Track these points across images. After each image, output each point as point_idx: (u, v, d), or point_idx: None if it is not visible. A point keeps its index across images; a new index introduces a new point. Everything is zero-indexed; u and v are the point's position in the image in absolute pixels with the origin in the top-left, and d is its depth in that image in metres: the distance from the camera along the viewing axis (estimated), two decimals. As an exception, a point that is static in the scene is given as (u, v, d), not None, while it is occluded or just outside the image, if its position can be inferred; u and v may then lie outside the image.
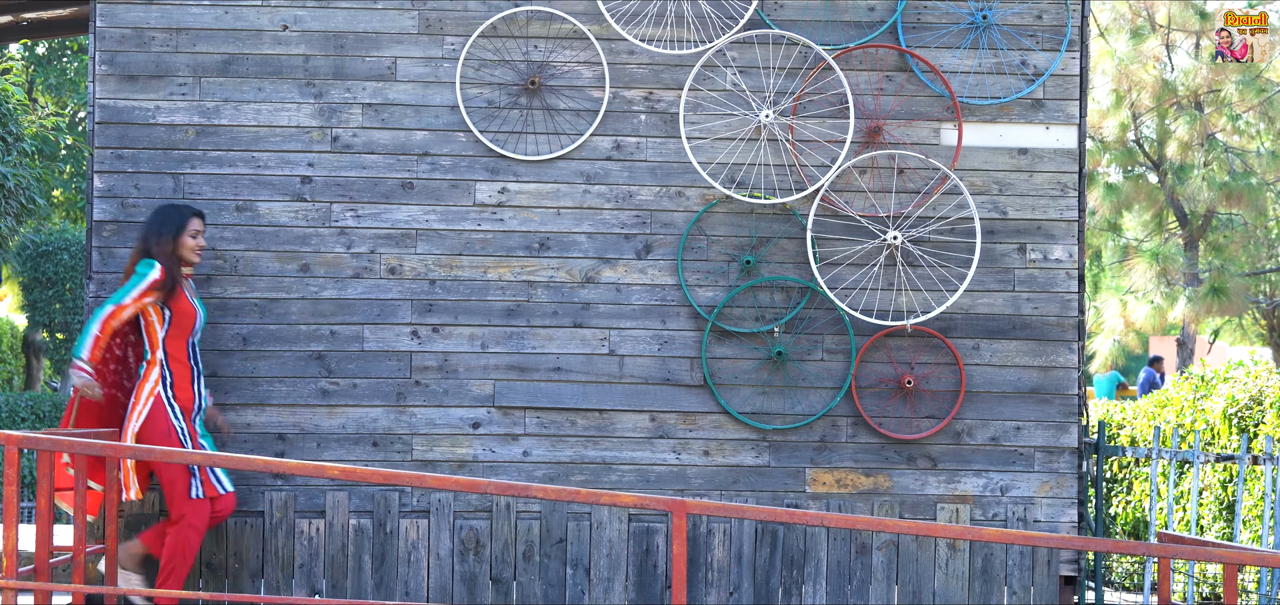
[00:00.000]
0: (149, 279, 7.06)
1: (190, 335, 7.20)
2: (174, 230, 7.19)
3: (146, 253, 7.15)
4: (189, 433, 7.12)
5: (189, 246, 7.22)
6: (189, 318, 7.18)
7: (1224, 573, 5.94)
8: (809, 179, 7.78)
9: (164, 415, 7.06)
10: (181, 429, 7.09)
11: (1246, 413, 9.17)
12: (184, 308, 7.16)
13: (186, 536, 7.05)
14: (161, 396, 7.09)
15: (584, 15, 7.79)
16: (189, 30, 7.74)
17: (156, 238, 7.17)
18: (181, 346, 7.18)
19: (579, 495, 5.80)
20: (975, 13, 7.86)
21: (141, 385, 7.11)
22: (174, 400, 7.10)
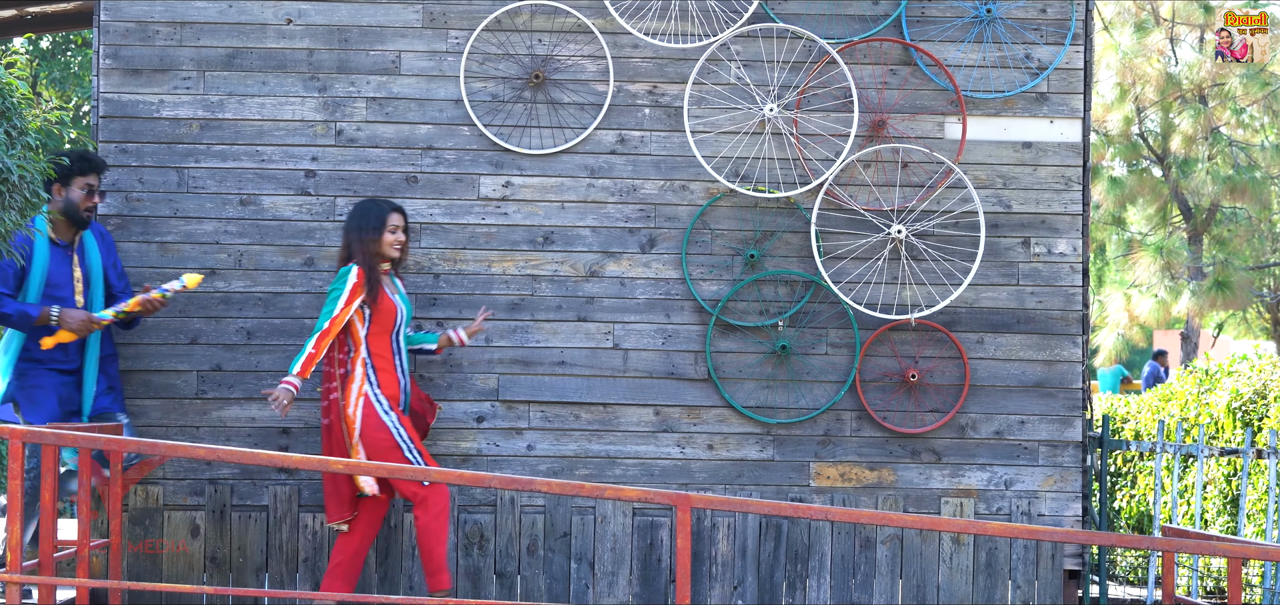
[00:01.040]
0: (349, 288, 6.97)
1: (392, 330, 7.09)
2: (375, 228, 7.09)
3: (348, 254, 7.08)
4: (401, 423, 7.00)
5: (388, 243, 7.11)
6: (390, 314, 7.07)
7: (1228, 567, 5.93)
8: (813, 173, 7.77)
9: (374, 412, 6.96)
10: (393, 422, 6.98)
11: (1250, 407, 9.17)
12: (386, 305, 7.06)
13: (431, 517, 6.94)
14: (370, 395, 6.98)
15: (588, 9, 7.78)
16: (193, 24, 7.74)
17: (358, 238, 7.08)
18: (385, 342, 7.07)
19: (583, 489, 5.80)
20: (979, 6, 7.86)
21: (349, 385, 7.03)
22: (381, 395, 7.00)
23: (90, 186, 7.18)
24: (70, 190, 7.14)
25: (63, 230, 7.20)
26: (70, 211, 7.15)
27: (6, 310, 7.00)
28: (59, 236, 7.20)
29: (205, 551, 7.64)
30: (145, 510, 7.65)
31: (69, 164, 7.12)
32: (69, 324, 7.02)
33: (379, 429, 6.95)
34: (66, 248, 7.22)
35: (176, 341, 7.67)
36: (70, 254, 7.22)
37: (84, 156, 7.20)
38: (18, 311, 7.00)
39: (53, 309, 7.03)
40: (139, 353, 7.67)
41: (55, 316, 7.02)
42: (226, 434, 7.70)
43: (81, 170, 7.16)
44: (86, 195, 7.17)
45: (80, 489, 6.55)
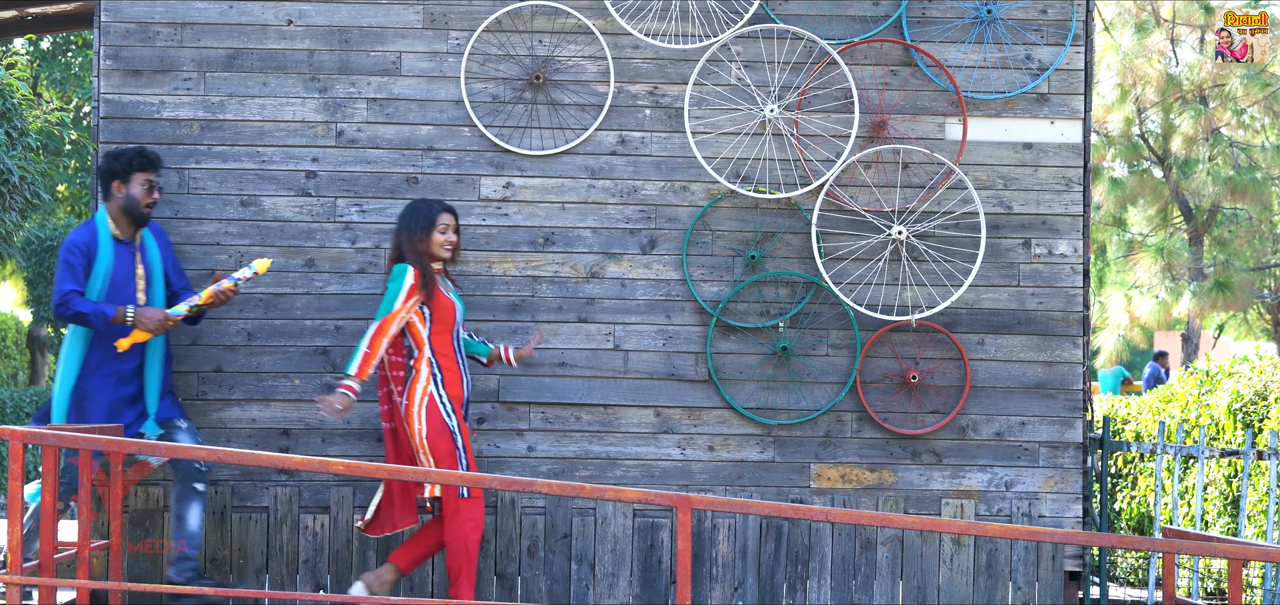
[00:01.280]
0: (406, 286, 6.93)
1: (453, 327, 7.07)
2: (425, 228, 7.05)
3: (400, 255, 7.05)
4: (460, 429, 6.96)
5: (439, 243, 7.06)
6: (449, 312, 7.04)
7: (1229, 568, 5.93)
8: (814, 174, 7.77)
9: (438, 415, 6.91)
10: (454, 427, 6.94)
11: (1251, 407, 9.16)
12: (443, 303, 7.02)
13: (464, 532, 6.92)
14: (434, 396, 6.94)
15: (589, 10, 7.78)
16: (193, 25, 7.74)
17: (408, 238, 7.04)
18: (447, 341, 7.04)
19: (583, 491, 5.79)
20: (980, 7, 7.86)
21: (413, 385, 6.98)
22: (445, 397, 6.96)
23: (150, 182, 7.13)
24: (130, 186, 7.10)
25: (124, 227, 7.14)
26: (131, 208, 7.10)
27: (82, 309, 6.91)
28: (120, 233, 7.14)
29: (205, 552, 7.64)
30: (145, 511, 7.65)
31: (128, 160, 7.09)
32: (145, 323, 6.95)
33: (441, 433, 6.92)
34: (129, 245, 7.17)
35: (177, 342, 7.67)
36: (133, 251, 7.17)
37: (142, 152, 7.15)
38: (94, 310, 6.92)
39: (128, 308, 6.95)
40: (139, 354, 7.66)
41: (130, 316, 6.95)
42: (227, 435, 7.70)
43: (140, 166, 7.11)
44: (146, 191, 7.12)
45: (81, 490, 6.55)
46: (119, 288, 7.09)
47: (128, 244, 7.16)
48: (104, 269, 7.05)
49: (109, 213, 7.13)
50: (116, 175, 7.11)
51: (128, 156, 7.12)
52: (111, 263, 7.07)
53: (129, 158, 7.12)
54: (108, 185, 7.12)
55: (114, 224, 7.13)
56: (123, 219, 7.14)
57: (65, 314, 6.93)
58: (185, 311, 7.06)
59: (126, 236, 7.16)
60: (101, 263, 7.05)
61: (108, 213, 7.13)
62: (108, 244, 7.08)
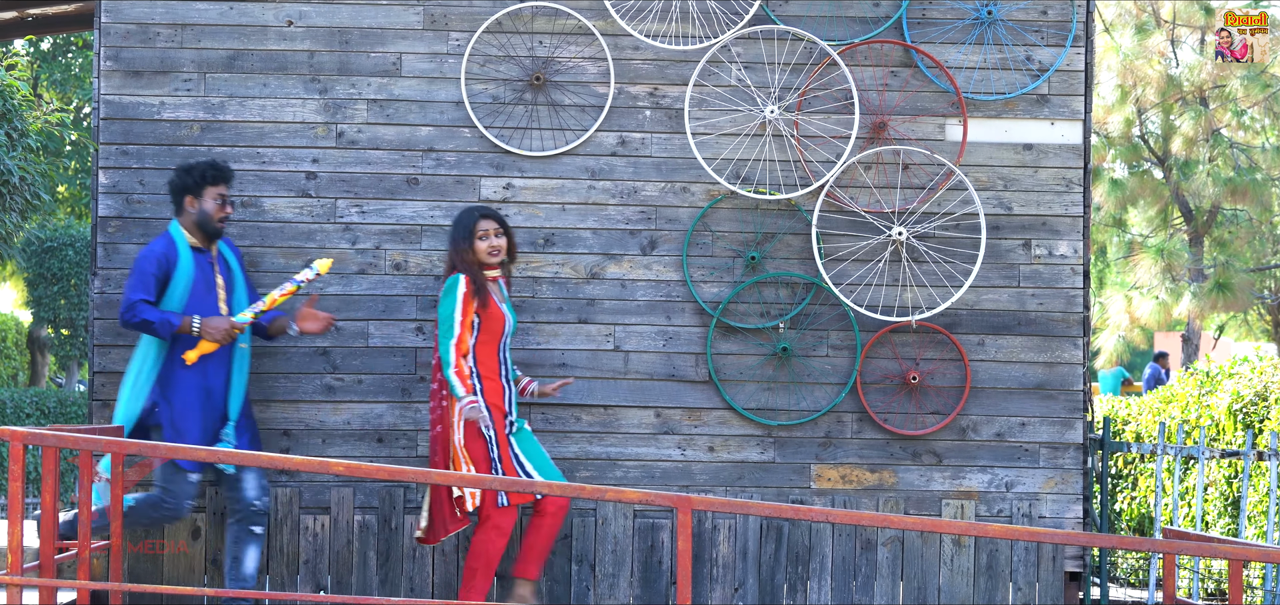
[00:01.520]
0: (460, 295, 6.90)
1: (500, 340, 7.02)
2: (467, 237, 7.01)
3: (452, 266, 7.02)
4: (498, 440, 6.90)
5: (482, 250, 7.01)
6: (498, 322, 6.99)
7: (1229, 568, 5.93)
8: (814, 174, 7.77)
9: (475, 423, 6.90)
10: (490, 435, 6.90)
11: (1251, 408, 9.16)
12: (493, 313, 6.97)
13: (488, 539, 6.90)
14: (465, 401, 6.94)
15: (589, 11, 7.78)
16: (194, 26, 7.74)
17: (455, 249, 7.01)
18: (491, 352, 6.99)
19: (584, 491, 5.79)
20: (980, 8, 7.86)
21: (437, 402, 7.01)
22: (484, 405, 6.91)
23: (222, 196, 7.08)
24: (202, 201, 7.05)
25: (199, 240, 7.10)
26: (204, 223, 7.05)
27: (148, 317, 6.87)
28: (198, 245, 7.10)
29: (206, 553, 7.64)
30: (146, 512, 7.64)
31: (200, 174, 7.03)
32: (211, 333, 6.91)
33: (476, 440, 6.90)
34: (207, 255, 7.12)
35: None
36: (211, 262, 7.13)
37: (213, 165, 7.08)
38: (160, 319, 6.88)
39: (194, 319, 6.91)
40: (140, 354, 7.67)
41: (197, 326, 6.91)
42: (227, 436, 7.69)
43: (212, 180, 7.05)
44: (219, 205, 7.07)
45: (81, 490, 6.55)
46: (200, 299, 7.04)
47: (206, 255, 7.12)
48: (185, 280, 7.00)
49: (182, 225, 7.08)
50: (188, 190, 7.05)
51: (199, 170, 7.05)
52: (192, 273, 7.03)
53: (201, 172, 7.05)
54: (180, 200, 7.05)
55: (191, 237, 7.08)
56: (197, 233, 7.09)
57: (131, 321, 6.89)
58: (251, 318, 7.02)
59: (204, 248, 7.12)
60: (182, 273, 7.00)
61: (181, 225, 7.08)
62: (188, 254, 7.04)
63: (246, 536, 7.07)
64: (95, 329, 7.70)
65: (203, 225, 7.07)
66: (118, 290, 7.67)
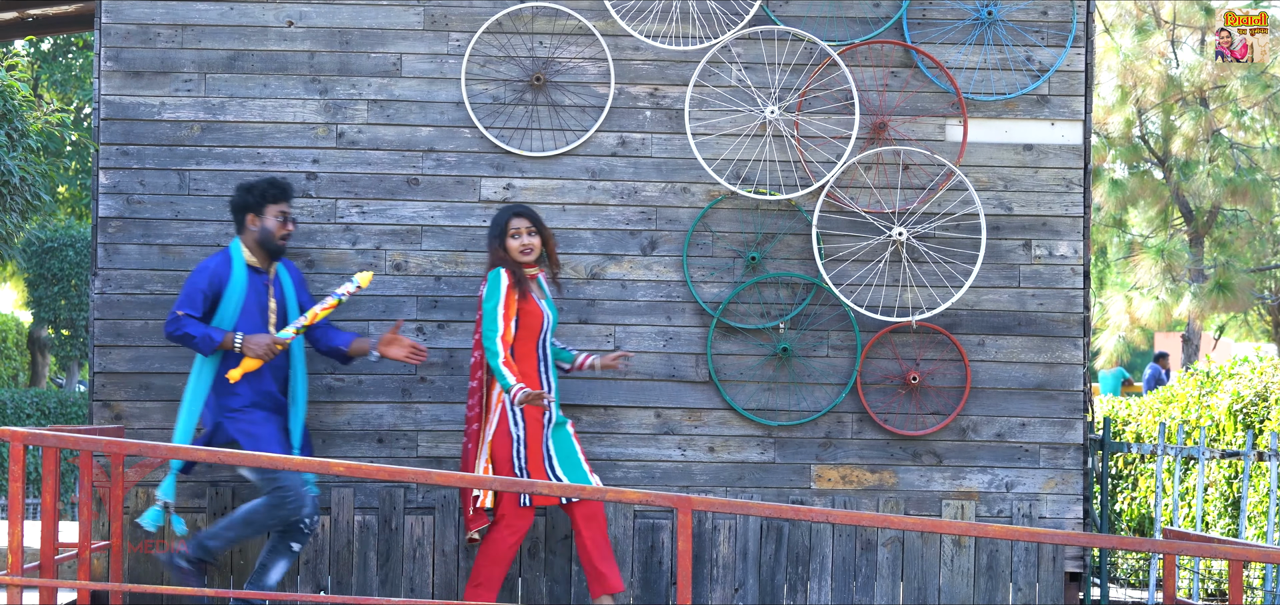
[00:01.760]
0: (502, 290, 6.89)
1: (538, 338, 6.99)
2: (499, 236, 7.00)
3: (493, 262, 7.01)
4: (528, 439, 6.87)
5: (515, 248, 6.99)
6: (537, 319, 6.96)
7: (1229, 569, 5.93)
8: (814, 175, 7.77)
9: (505, 421, 6.89)
10: (518, 436, 6.88)
11: (1252, 409, 9.16)
12: (531, 309, 6.94)
13: (500, 537, 6.88)
14: (506, 404, 6.91)
15: (589, 11, 7.78)
16: (194, 26, 7.74)
17: (491, 248, 7.01)
18: (530, 348, 6.97)
19: (584, 492, 5.79)
20: (980, 9, 7.86)
21: (490, 392, 6.99)
22: (518, 408, 6.90)
23: (284, 214, 7.04)
24: (264, 219, 7.00)
25: (259, 259, 7.06)
26: (266, 241, 7.01)
27: (190, 331, 6.84)
28: (257, 264, 7.06)
29: (206, 554, 7.64)
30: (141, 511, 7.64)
31: (261, 192, 6.99)
32: (254, 350, 6.87)
33: (504, 440, 6.90)
34: (263, 276, 7.07)
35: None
36: (267, 284, 7.08)
37: (274, 182, 7.03)
38: (202, 334, 6.84)
39: (236, 335, 6.87)
40: (141, 355, 7.67)
41: (238, 343, 6.87)
42: (227, 436, 7.70)
43: (274, 197, 7.01)
44: (281, 223, 7.03)
45: (81, 491, 6.55)
46: (251, 319, 7.00)
47: (263, 275, 7.07)
48: (237, 299, 6.97)
49: (244, 243, 7.04)
50: (250, 208, 7.01)
51: (261, 188, 7.01)
52: (245, 292, 6.99)
53: (262, 190, 7.01)
54: (241, 218, 7.01)
55: (251, 255, 7.05)
56: (258, 251, 7.05)
57: (174, 333, 6.86)
58: (292, 334, 6.97)
59: (262, 267, 7.08)
60: (234, 291, 6.96)
61: (242, 243, 7.04)
62: (242, 273, 6.99)
63: (283, 549, 6.99)
64: (96, 329, 7.70)
65: (264, 243, 7.02)
66: (118, 291, 7.68)
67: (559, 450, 7.00)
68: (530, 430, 6.90)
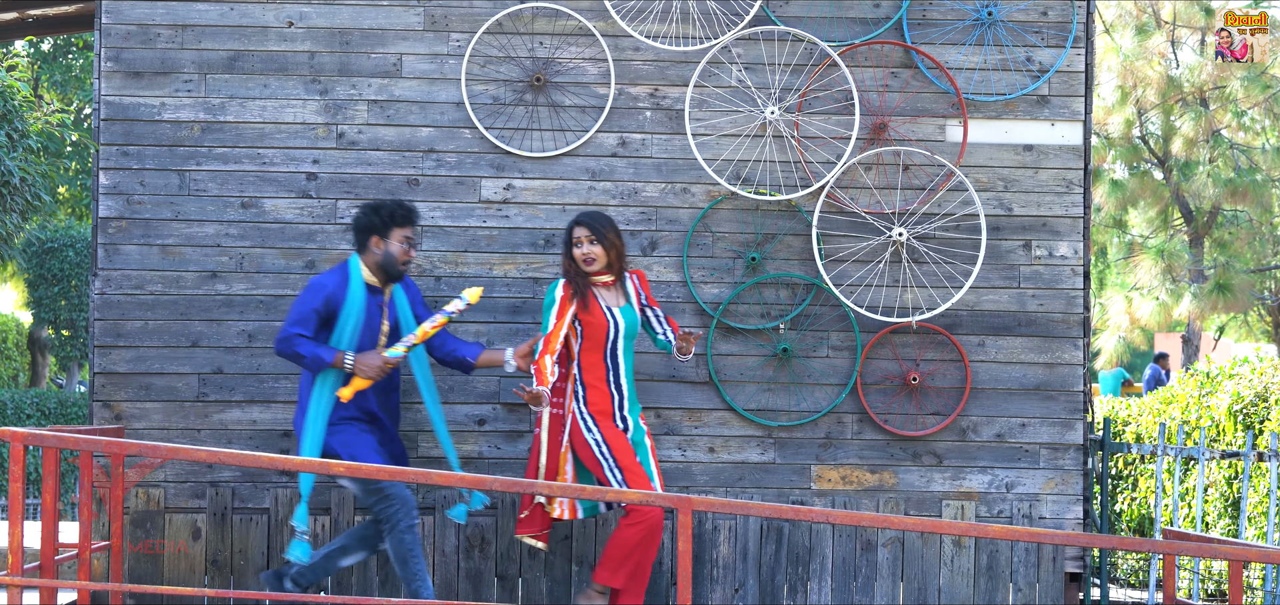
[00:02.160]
0: (555, 298, 6.91)
1: (605, 345, 6.94)
2: (564, 244, 7.01)
3: (562, 270, 7.04)
4: (606, 440, 6.85)
5: (578, 257, 6.96)
6: (599, 328, 6.91)
7: (1229, 569, 5.93)
8: (814, 175, 7.78)
9: (578, 428, 6.89)
10: (595, 438, 6.87)
11: (1252, 409, 9.17)
12: (595, 319, 6.90)
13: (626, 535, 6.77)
14: (576, 412, 6.91)
15: (589, 11, 7.78)
16: (194, 27, 7.74)
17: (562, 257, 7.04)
18: (597, 359, 6.93)
19: (584, 492, 5.79)
20: (980, 9, 7.86)
21: (566, 399, 7.01)
22: (586, 412, 6.89)
23: (409, 239, 6.99)
24: (389, 242, 6.95)
25: (377, 280, 7.02)
26: (388, 265, 6.96)
27: (300, 350, 6.79)
28: (374, 284, 7.02)
29: (206, 554, 7.65)
30: (146, 512, 7.65)
31: (388, 214, 6.94)
32: (365, 371, 6.83)
33: (584, 445, 6.90)
34: (379, 297, 7.03)
35: (178, 344, 7.68)
36: (381, 305, 7.03)
37: (402, 206, 6.97)
38: (312, 354, 6.79)
39: (347, 355, 6.82)
40: (140, 355, 7.68)
41: (349, 363, 6.82)
42: (228, 437, 7.70)
43: (400, 221, 6.95)
44: (405, 248, 6.98)
45: (82, 491, 6.55)
46: (362, 339, 6.96)
47: (379, 296, 7.03)
48: (353, 320, 6.92)
49: (364, 263, 6.99)
50: (375, 230, 6.94)
51: (388, 210, 6.95)
52: (361, 314, 6.94)
53: (390, 212, 6.94)
54: (365, 239, 6.95)
55: (369, 275, 7.00)
56: (378, 273, 7.01)
57: (284, 351, 6.84)
58: (403, 351, 6.91)
59: (379, 288, 7.04)
60: (350, 311, 6.91)
61: (361, 262, 6.99)
62: (360, 294, 6.94)
63: (356, 546, 7.03)
64: (96, 330, 7.70)
65: (386, 266, 6.97)
66: (118, 291, 7.68)
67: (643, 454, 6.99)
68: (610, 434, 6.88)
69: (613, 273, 7.02)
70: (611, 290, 7.03)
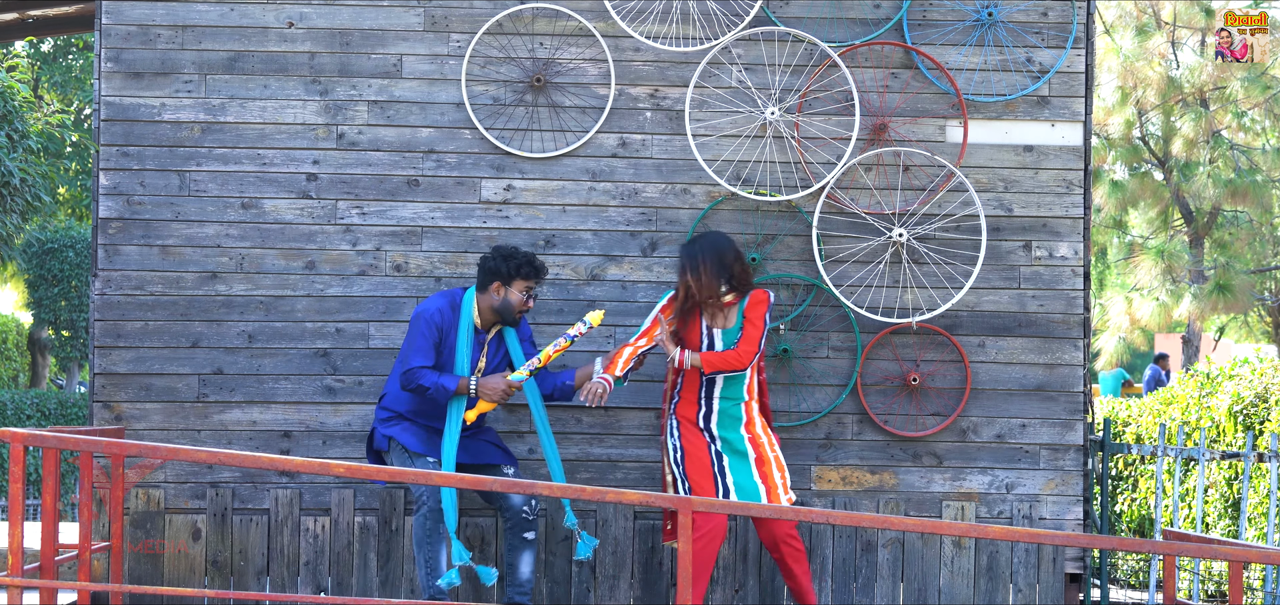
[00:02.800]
0: (657, 308, 6.99)
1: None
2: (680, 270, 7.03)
3: None
4: (682, 447, 6.89)
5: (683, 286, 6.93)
6: (693, 343, 6.92)
7: (1229, 570, 5.93)
8: (814, 176, 7.77)
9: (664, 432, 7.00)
10: (673, 443, 6.93)
11: (1252, 410, 9.16)
12: (690, 334, 6.92)
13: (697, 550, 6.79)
14: (667, 413, 7.00)
15: (589, 12, 7.78)
16: (194, 27, 7.74)
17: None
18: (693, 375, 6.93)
19: (585, 493, 5.79)
20: (981, 10, 7.86)
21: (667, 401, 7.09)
22: (675, 417, 6.95)
23: (530, 290, 7.04)
24: (510, 291, 7.00)
25: (487, 320, 7.06)
26: (505, 313, 7.01)
27: (424, 383, 6.85)
28: (482, 323, 7.07)
29: (206, 554, 7.65)
30: (146, 513, 7.65)
31: (516, 266, 6.98)
32: (489, 395, 6.91)
33: (663, 448, 7.00)
34: (483, 335, 7.09)
35: (178, 345, 7.68)
36: (484, 343, 7.09)
37: (531, 262, 7.02)
38: (435, 384, 6.84)
39: (470, 380, 6.90)
40: (140, 356, 7.68)
41: (473, 388, 6.90)
42: (228, 437, 7.70)
43: (526, 274, 7.01)
44: (524, 300, 7.03)
45: (82, 492, 6.55)
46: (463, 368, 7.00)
47: (482, 334, 7.09)
48: (463, 350, 6.99)
49: (478, 302, 7.04)
50: (500, 277, 6.99)
51: (518, 262, 6.98)
52: (469, 345, 7.01)
53: (518, 264, 6.98)
54: (487, 281, 7.00)
55: (479, 313, 7.05)
56: (491, 316, 7.06)
57: (408, 387, 6.90)
58: (526, 375, 6.96)
59: (486, 327, 7.09)
60: (461, 342, 7.00)
61: (476, 299, 7.04)
62: (468, 330, 7.01)
63: (519, 544, 7.07)
64: (96, 331, 7.70)
65: (502, 312, 7.03)
66: (118, 292, 7.69)
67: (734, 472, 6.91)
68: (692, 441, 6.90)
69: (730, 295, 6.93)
70: (727, 310, 6.96)
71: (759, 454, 6.88)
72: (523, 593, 7.08)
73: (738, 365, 6.81)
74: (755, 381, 6.97)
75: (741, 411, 6.93)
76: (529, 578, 7.08)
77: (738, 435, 6.91)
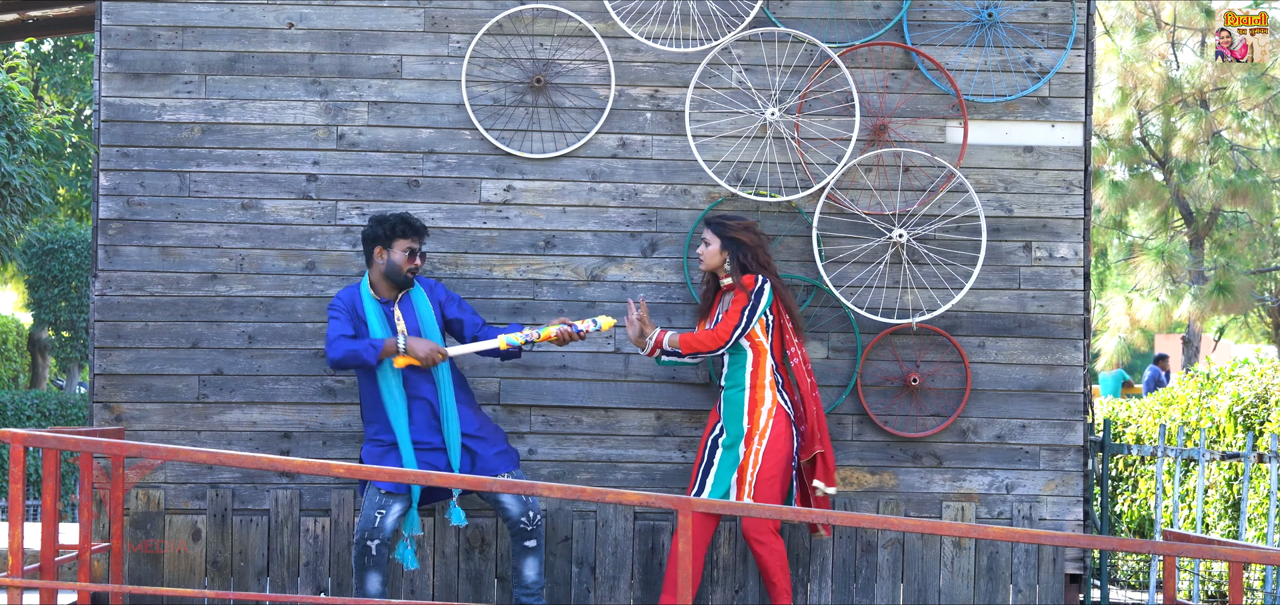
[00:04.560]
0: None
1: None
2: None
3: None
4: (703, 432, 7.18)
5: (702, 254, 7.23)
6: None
7: (1229, 571, 5.93)
8: (814, 177, 7.78)
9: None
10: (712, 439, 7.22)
11: (1252, 410, 9.16)
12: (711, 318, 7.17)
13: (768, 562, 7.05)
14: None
15: (590, 13, 7.79)
16: (194, 28, 7.74)
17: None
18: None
19: (584, 494, 5.79)
20: (981, 11, 7.86)
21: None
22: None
23: (412, 249, 7.09)
24: (392, 253, 7.07)
25: (384, 290, 7.13)
26: (392, 274, 7.08)
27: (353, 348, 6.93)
28: (380, 295, 7.14)
29: (206, 555, 7.65)
30: (146, 513, 7.65)
31: (390, 226, 7.08)
32: (416, 351, 6.95)
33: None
34: (388, 304, 7.14)
35: (178, 345, 7.68)
36: (391, 309, 7.13)
37: (404, 219, 7.10)
38: (364, 346, 6.93)
39: (398, 338, 6.97)
40: (140, 356, 7.68)
41: (402, 345, 6.96)
42: (228, 438, 7.71)
43: (403, 233, 7.09)
44: (408, 257, 7.08)
45: (82, 492, 6.55)
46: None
47: (388, 304, 7.13)
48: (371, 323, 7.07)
49: (370, 279, 7.13)
50: (378, 241, 7.08)
51: (390, 223, 7.08)
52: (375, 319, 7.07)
53: (391, 225, 7.08)
54: (370, 250, 7.10)
55: (374, 289, 7.13)
56: (383, 284, 7.12)
57: (336, 356, 6.94)
58: (520, 342, 7.05)
59: (386, 297, 7.14)
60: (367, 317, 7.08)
61: (369, 278, 7.13)
62: (372, 304, 7.10)
63: (521, 551, 7.13)
64: (96, 331, 7.70)
65: (390, 275, 7.08)
66: (118, 292, 7.69)
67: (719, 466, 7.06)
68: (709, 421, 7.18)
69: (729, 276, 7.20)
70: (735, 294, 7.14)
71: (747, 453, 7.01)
72: (530, 594, 7.11)
73: (712, 345, 7.00)
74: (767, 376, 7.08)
75: (743, 399, 7.04)
76: (535, 580, 7.11)
77: (738, 428, 7.04)
